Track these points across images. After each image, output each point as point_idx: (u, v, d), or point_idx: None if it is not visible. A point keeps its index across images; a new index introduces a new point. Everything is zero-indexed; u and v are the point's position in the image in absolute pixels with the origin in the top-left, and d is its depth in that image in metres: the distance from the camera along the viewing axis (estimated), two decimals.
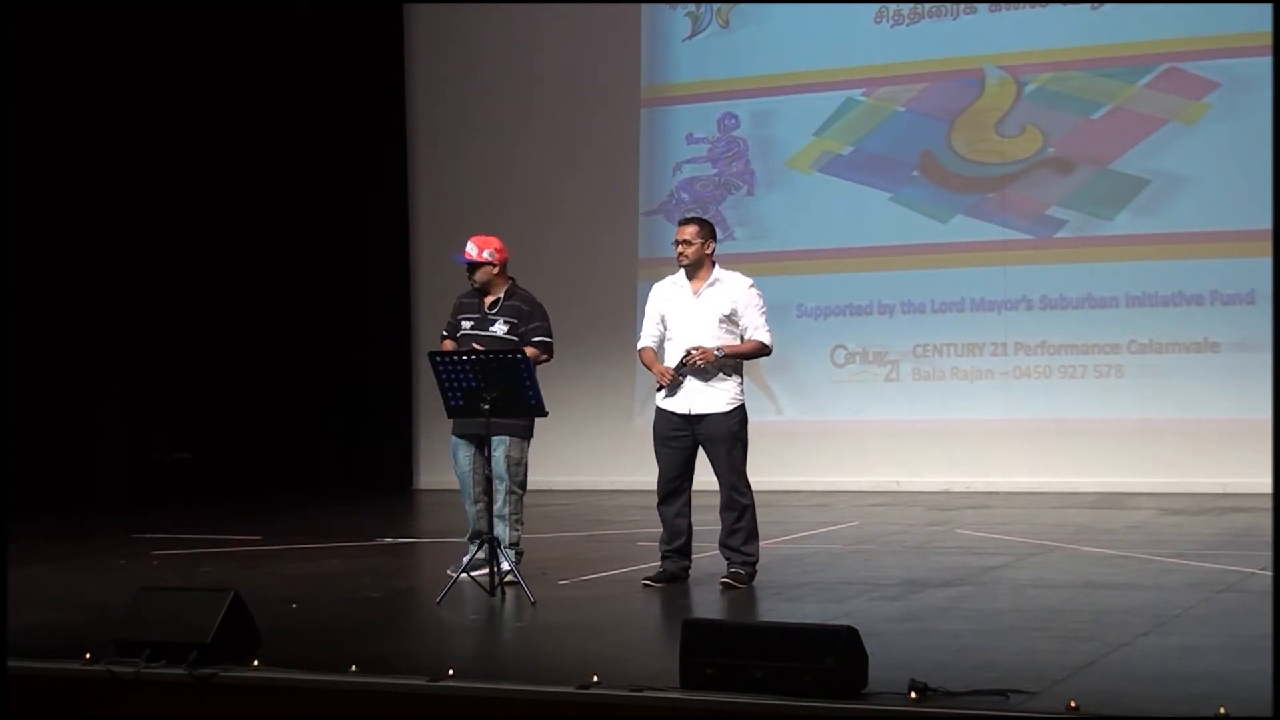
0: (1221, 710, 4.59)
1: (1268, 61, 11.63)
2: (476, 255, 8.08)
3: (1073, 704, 4.67)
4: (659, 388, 7.71)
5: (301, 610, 7.28)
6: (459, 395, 7.46)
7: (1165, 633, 6.20)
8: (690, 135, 14.33)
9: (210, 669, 5.55)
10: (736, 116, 14.17)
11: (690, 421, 7.65)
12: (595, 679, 5.18)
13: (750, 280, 7.79)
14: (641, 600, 7.50)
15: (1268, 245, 11.39)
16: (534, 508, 8.70)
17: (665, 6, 14.49)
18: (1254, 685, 4.93)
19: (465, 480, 8.09)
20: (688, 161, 14.34)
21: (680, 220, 8.01)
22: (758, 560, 7.72)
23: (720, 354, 7.58)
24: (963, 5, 13.48)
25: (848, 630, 5.00)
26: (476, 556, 7.68)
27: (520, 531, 8.04)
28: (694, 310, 7.69)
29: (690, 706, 4.98)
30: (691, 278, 7.75)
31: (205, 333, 14.48)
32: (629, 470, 12.25)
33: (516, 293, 8.14)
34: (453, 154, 15.11)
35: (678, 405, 7.66)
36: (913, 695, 4.83)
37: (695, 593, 7.59)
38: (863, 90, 13.78)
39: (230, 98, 14.62)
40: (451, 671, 5.42)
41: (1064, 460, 12.89)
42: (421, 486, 15.00)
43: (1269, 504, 7.52)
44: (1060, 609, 6.88)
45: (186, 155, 14.33)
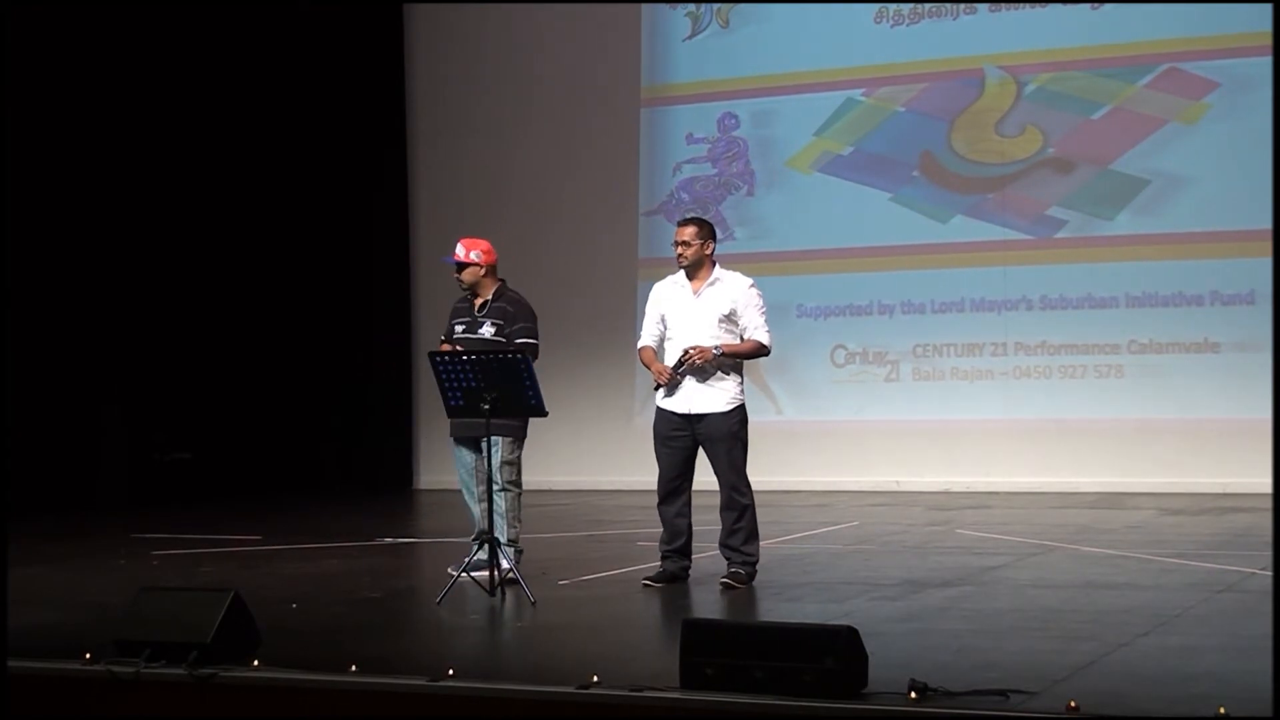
0: (1221, 710, 4.59)
1: (1268, 61, 11.62)
2: (464, 256, 8.12)
3: (1073, 704, 4.67)
4: (656, 387, 7.71)
5: (301, 610, 7.28)
6: (459, 395, 7.46)
7: (1165, 633, 6.20)
8: (690, 135, 14.33)
9: (210, 669, 5.55)
10: (736, 116, 14.16)
11: (690, 421, 7.65)
12: (595, 679, 5.18)
13: (750, 280, 7.79)
14: (641, 600, 7.50)
15: (1268, 245, 11.38)
16: (534, 508, 8.70)
17: (665, 6, 14.48)
18: (1254, 685, 4.93)
19: (466, 480, 8.18)
20: (688, 161, 14.34)
21: (679, 221, 8.00)
22: (758, 560, 7.72)
23: (718, 353, 7.59)
24: (963, 5, 13.47)
25: (848, 630, 5.00)
26: (477, 557, 7.69)
27: (519, 529, 8.06)
28: (694, 310, 7.69)
29: (690, 706, 4.98)
30: (692, 278, 7.75)
31: (205, 333, 14.48)
32: (629, 470, 12.26)
33: (505, 294, 8.16)
34: (453, 154, 15.10)
35: (678, 405, 7.67)
36: (913, 695, 4.83)
37: (695, 593, 7.59)
38: (863, 90, 13.78)
39: (230, 98, 14.62)
40: (451, 671, 5.43)
41: (1064, 460, 12.88)
42: (421, 486, 14.99)
43: (1269, 504, 7.52)
44: (1060, 609, 6.87)
45: (187, 155, 14.33)
